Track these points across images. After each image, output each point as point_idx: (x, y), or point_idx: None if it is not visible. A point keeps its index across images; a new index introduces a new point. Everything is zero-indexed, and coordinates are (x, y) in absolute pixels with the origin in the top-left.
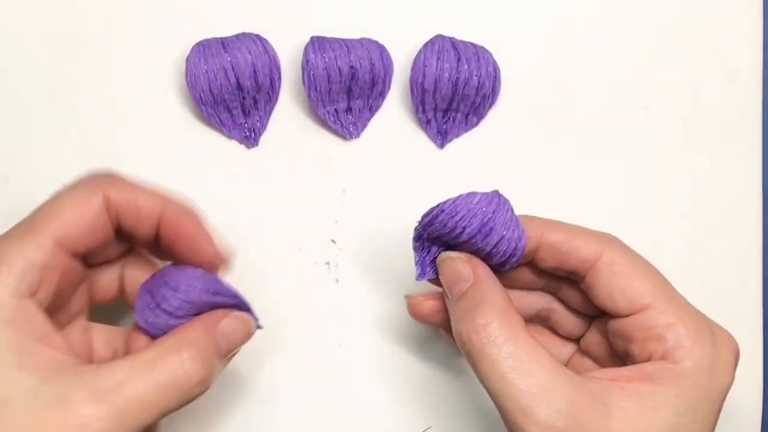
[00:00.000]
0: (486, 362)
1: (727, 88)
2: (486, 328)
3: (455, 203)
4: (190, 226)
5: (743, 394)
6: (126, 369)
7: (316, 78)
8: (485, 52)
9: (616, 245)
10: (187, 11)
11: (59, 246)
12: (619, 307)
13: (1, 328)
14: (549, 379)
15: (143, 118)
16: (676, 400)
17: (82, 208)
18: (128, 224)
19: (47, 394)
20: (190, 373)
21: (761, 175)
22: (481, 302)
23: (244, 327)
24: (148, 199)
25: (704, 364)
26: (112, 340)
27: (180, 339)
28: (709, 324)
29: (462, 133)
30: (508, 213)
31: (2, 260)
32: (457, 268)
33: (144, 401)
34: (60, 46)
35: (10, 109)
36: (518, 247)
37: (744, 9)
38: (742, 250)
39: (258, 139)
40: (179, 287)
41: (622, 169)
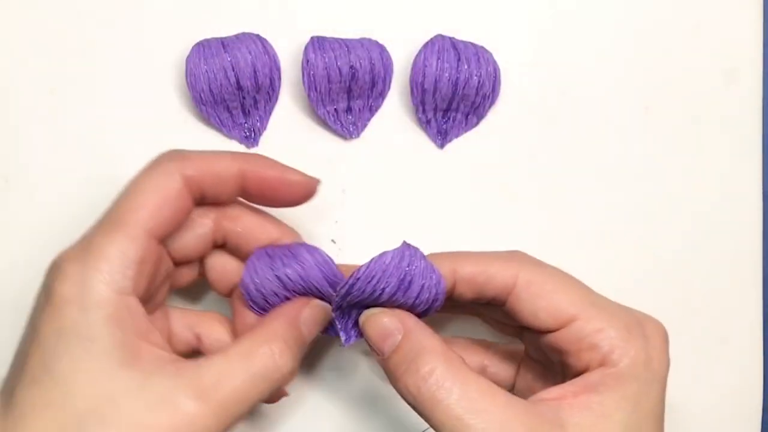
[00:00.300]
0: (439, 409)
1: (727, 88)
2: (432, 374)
3: (369, 269)
4: (271, 169)
5: (743, 394)
6: (222, 364)
7: (316, 78)
8: (485, 52)
9: (529, 263)
10: (187, 11)
11: (150, 236)
12: (546, 324)
13: (106, 325)
14: (505, 414)
15: (143, 118)
16: (624, 401)
17: (164, 193)
18: (213, 193)
19: (152, 392)
20: (280, 365)
21: (761, 175)
22: (420, 351)
23: (322, 315)
24: (223, 162)
25: (641, 358)
26: (192, 323)
27: (269, 331)
28: (635, 316)
29: (462, 133)
30: (422, 262)
31: (100, 256)
32: (383, 324)
33: (241, 394)
34: (60, 46)
35: (10, 109)
36: (439, 291)
37: (744, 9)
38: (742, 250)
39: (258, 139)
40: (305, 263)
41: (621, 169)
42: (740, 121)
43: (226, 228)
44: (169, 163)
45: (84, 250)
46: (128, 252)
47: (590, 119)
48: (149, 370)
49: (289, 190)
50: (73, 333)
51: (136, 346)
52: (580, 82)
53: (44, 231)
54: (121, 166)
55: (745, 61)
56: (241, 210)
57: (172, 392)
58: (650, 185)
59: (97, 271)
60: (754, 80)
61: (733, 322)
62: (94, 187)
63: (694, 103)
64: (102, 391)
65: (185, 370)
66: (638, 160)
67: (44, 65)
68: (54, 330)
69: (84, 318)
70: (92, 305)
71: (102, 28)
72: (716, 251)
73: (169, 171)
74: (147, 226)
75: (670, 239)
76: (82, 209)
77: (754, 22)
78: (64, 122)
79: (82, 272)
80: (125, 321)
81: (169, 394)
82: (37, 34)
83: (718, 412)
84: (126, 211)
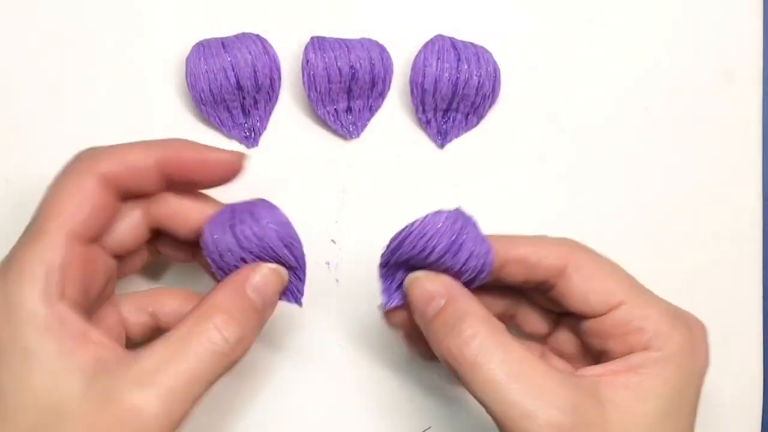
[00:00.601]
0: (480, 373)
1: (727, 88)
2: (475, 338)
3: (423, 223)
4: (190, 152)
5: (743, 394)
6: (164, 349)
7: (316, 78)
8: (485, 52)
9: (580, 249)
10: (187, 11)
11: (72, 240)
12: (595, 307)
13: (40, 337)
14: (546, 381)
15: (143, 118)
16: (664, 386)
17: (80, 195)
18: (135, 186)
19: (96, 392)
20: (227, 337)
21: (761, 175)
22: (464, 315)
23: (275, 278)
24: (138, 154)
25: (686, 346)
26: (142, 305)
27: (210, 305)
28: (679, 310)
29: (462, 133)
30: (475, 229)
31: (23, 269)
32: (428, 287)
33: (189, 375)
34: (60, 46)
35: (10, 108)
36: (487, 262)
37: (744, 9)
38: (742, 251)
39: (258, 139)
40: (260, 221)
41: (621, 169)
42: (740, 121)
43: (156, 213)
44: (82, 162)
45: (5, 266)
46: (50, 260)
47: (590, 119)
48: (91, 372)
49: (212, 171)
50: (8, 351)
51: (74, 351)
52: (580, 82)
53: None
54: None
55: (745, 61)
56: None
57: (115, 387)
58: (650, 185)
59: (20, 284)
60: (754, 80)
61: (733, 322)
62: None
63: (694, 103)
64: (47, 402)
65: (126, 363)
66: (638, 160)
67: (44, 65)
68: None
69: (15, 334)
70: (20, 320)
71: (102, 28)
72: (716, 251)
73: (83, 171)
74: (66, 230)
75: (669, 239)
76: None
77: (754, 22)
78: (64, 122)
79: (4, 288)
80: (57, 328)
81: (113, 390)
82: (37, 33)
83: (718, 412)
84: (44, 219)
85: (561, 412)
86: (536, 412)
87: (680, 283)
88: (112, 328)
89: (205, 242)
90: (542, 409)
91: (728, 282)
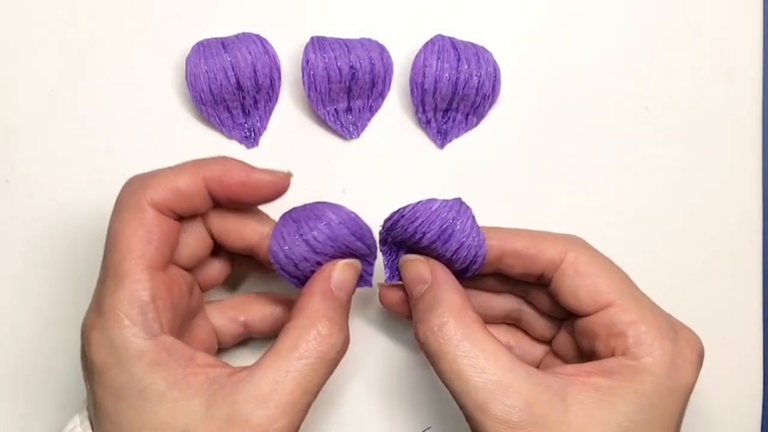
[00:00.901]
0: (444, 361)
1: (727, 88)
2: (442, 327)
3: (415, 209)
4: (235, 174)
5: (743, 394)
6: (276, 364)
7: (316, 78)
8: (485, 52)
9: (580, 245)
10: (187, 11)
11: (152, 272)
12: (584, 305)
13: (152, 373)
14: (505, 375)
15: (143, 118)
16: (635, 396)
17: (144, 228)
18: (186, 209)
19: (219, 414)
20: (332, 342)
21: (761, 175)
22: (437, 303)
23: (353, 271)
24: (185, 179)
25: (665, 361)
26: (234, 315)
27: (309, 313)
28: (672, 323)
29: (462, 133)
30: (469, 221)
31: (118, 312)
32: (416, 270)
33: (304, 386)
34: (60, 46)
35: (10, 109)
36: (478, 254)
37: (744, 9)
38: (742, 251)
39: (258, 139)
40: (330, 223)
41: (621, 169)
42: (740, 121)
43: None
44: (133, 196)
45: (101, 315)
46: (140, 298)
47: (590, 119)
48: (207, 395)
49: (258, 191)
50: (126, 392)
51: (186, 378)
52: (580, 82)
53: (44, 231)
54: (121, 166)
55: (745, 61)
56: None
57: (237, 407)
58: (650, 185)
59: (120, 327)
60: (754, 80)
61: (733, 322)
62: (95, 187)
63: (694, 103)
64: (173, 428)
65: (242, 383)
66: (638, 160)
67: (44, 65)
68: (109, 395)
69: (129, 375)
70: (130, 360)
71: (102, 28)
72: (716, 251)
73: (139, 204)
74: (144, 265)
75: (669, 239)
76: (83, 209)
77: (754, 22)
78: (64, 122)
79: (108, 337)
80: (166, 360)
81: (236, 412)
82: (37, 33)
83: (718, 412)
84: (118, 262)
85: (512, 407)
86: (488, 405)
87: (680, 283)
88: (205, 340)
89: (275, 256)
90: (494, 404)
91: (728, 282)
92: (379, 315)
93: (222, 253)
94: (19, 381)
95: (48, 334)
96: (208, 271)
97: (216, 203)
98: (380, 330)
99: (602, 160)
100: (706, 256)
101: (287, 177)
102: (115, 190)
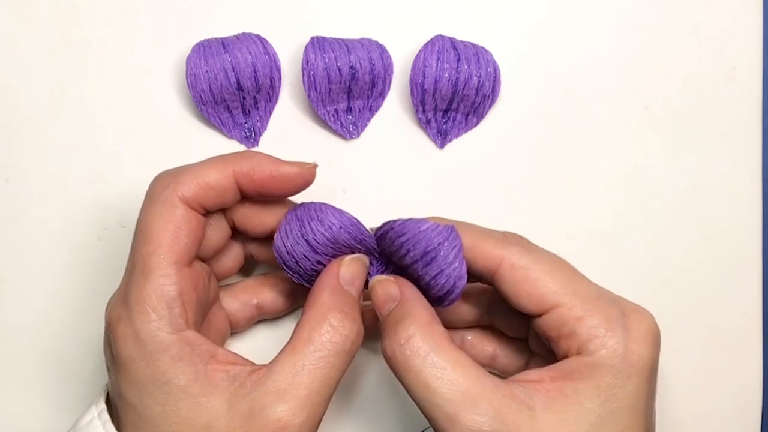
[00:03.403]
0: (411, 375)
1: (727, 88)
2: (409, 341)
3: (404, 224)
4: (263, 167)
5: (743, 394)
6: (292, 359)
7: (316, 78)
8: (485, 52)
9: (516, 247)
10: (187, 11)
11: (179, 267)
12: (529, 308)
13: (175, 367)
14: (473, 386)
15: (143, 118)
16: (597, 391)
17: (174, 223)
18: (214, 203)
19: (241, 411)
20: (346, 334)
21: (761, 175)
22: (404, 317)
23: (360, 266)
24: (215, 173)
25: (618, 349)
26: (246, 299)
27: (320, 308)
28: (620, 306)
29: (462, 133)
30: (454, 250)
31: (145, 305)
32: (386, 290)
33: (321, 380)
34: (60, 46)
35: (10, 109)
36: (456, 285)
37: (744, 9)
38: (742, 250)
39: (258, 139)
40: (332, 227)
41: (621, 169)
42: (740, 121)
43: (233, 217)
44: (165, 191)
45: (128, 308)
46: (168, 293)
47: (590, 119)
48: (228, 391)
49: (285, 184)
50: (150, 385)
51: (207, 374)
52: (580, 82)
53: (44, 231)
54: (121, 166)
55: (745, 61)
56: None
57: (257, 403)
58: (650, 185)
59: (147, 321)
60: (754, 80)
61: (733, 322)
62: (95, 187)
63: (694, 103)
64: (196, 424)
65: (262, 379)
66: (638, 160)
67: (44, 65)
68: (134, 388)
69: (152, 367)
70: (155, 355)
71: (102, 28)
72: (716, 251)
73: (169, 198)
74: (173, 260)
75: (669, 239)
76: (82, 209)
77: (754, 22)
78: (64, 122)
79: (134, 330)
80: (189, 355)
81: (255, 406)
82: (37, 33)
83: (718, 412)
84: (147, 255)
85: (483, 417)
86: (458, 417)
87: (680, 282)
88: (221, 329)
89: (278, 251)
90: (464, 415)
91: (728, 282)
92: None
93: (236, 242)
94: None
95: (48, 333)
96: (224, 261)
97: (243, 197)
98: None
99: (602, 160)
100: (706, 255)
101: (313, 168)
102: (115, 190)
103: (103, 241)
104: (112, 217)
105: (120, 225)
